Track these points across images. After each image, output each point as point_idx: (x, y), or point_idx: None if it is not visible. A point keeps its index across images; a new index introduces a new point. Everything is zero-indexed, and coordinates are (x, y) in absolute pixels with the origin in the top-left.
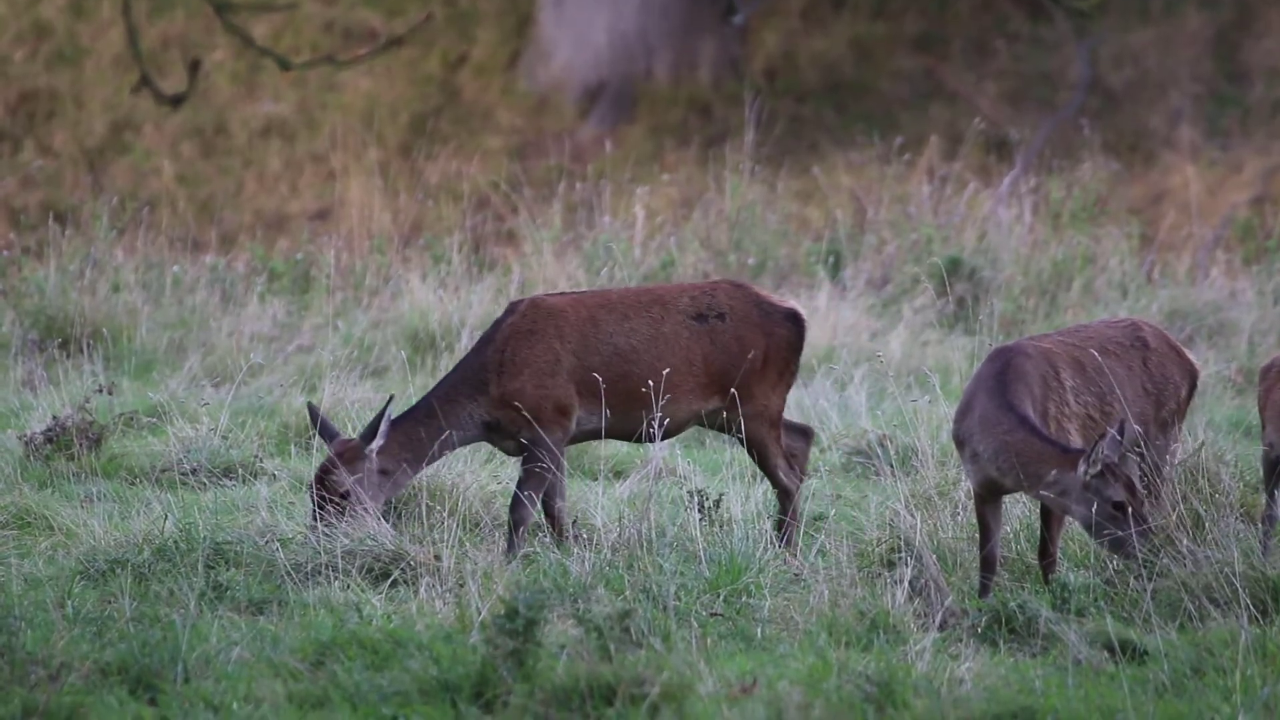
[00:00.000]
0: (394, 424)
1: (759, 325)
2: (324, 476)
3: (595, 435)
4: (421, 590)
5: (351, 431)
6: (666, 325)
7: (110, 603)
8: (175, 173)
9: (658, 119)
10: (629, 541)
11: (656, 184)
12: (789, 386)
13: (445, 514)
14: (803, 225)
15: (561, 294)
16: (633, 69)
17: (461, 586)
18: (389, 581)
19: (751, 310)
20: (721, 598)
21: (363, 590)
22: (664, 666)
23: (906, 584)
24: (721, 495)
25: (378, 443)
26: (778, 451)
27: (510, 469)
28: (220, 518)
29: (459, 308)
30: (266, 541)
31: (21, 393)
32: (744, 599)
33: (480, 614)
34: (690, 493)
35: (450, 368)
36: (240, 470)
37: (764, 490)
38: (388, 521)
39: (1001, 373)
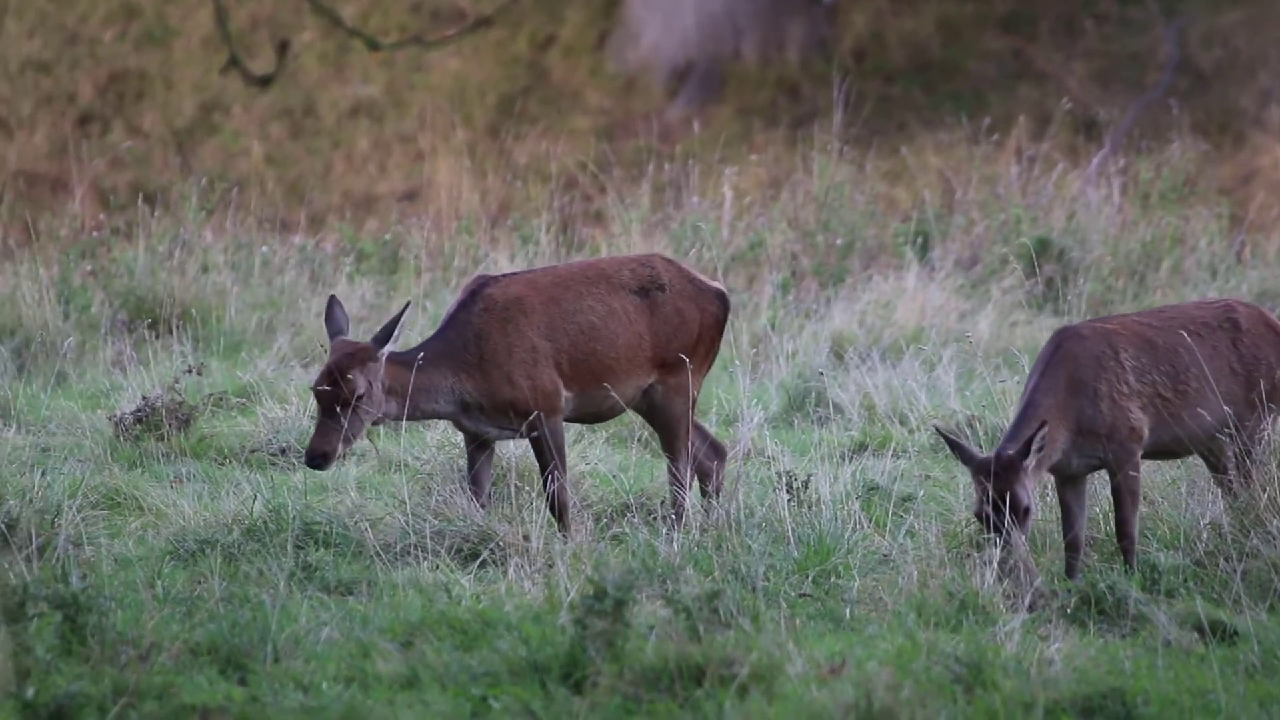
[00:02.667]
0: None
1: (694, 299)
2: (339, 378)
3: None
4: (510, 571)
5: None
6: (616, 299)
7: (200, 583)
8: (264, 153)
9: (746, 99)
10: (717, 522)
11: (744, 164)
12: (709, 369)
13: (534, 494)
14: (891, 206)
15: (515, 275)
16: (721, 49)
17: (550, 567)
18: (478, 562)
19: (686, 285)
20: (810, 578)
21: (452, 571)
22: (753, 647)
23: (995, 565)
24: (810, 476)
25: (390, 347)
26: (686, 437)
27: (598, 448)
28: (309, 498)
29: None
30: (356, 522)
31: (111, 373)
32: (833, 580)
33: (569, 594)
34: (779, 473)
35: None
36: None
37: (853, 471)
38: (478, 503)
39: (1049, 357)
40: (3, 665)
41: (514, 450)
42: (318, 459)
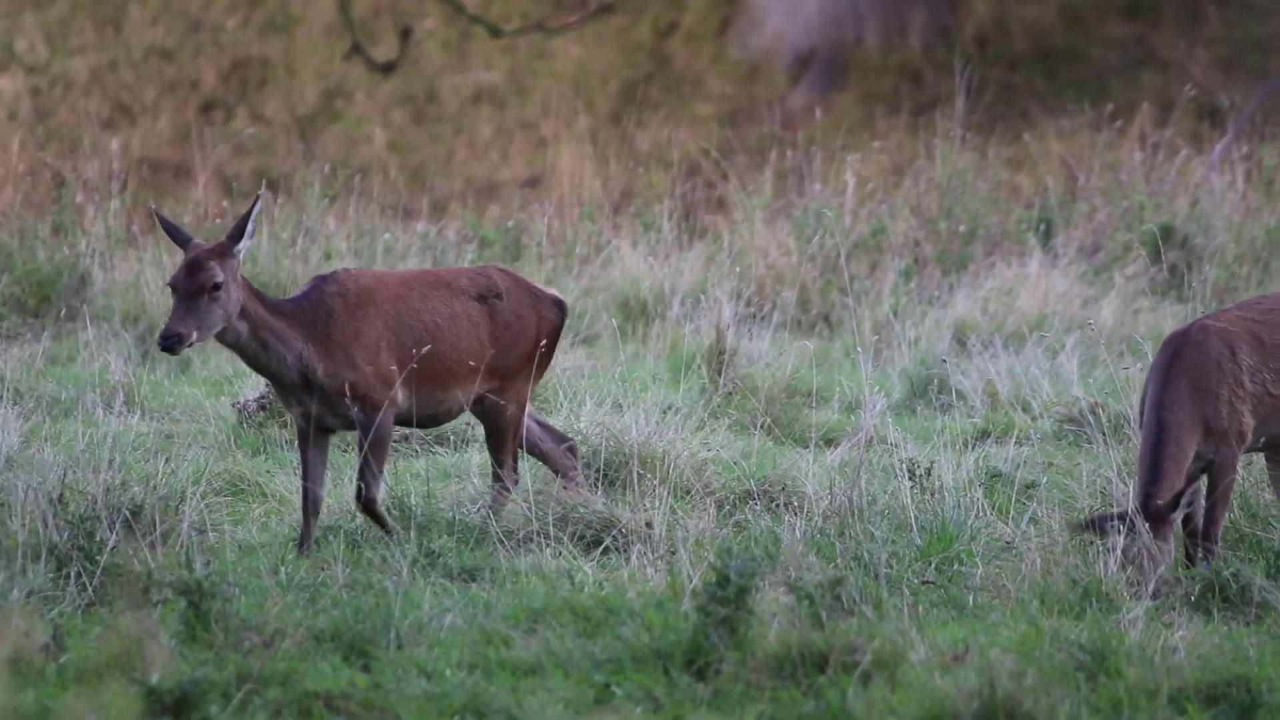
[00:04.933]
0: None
1: (532, 307)
2: (197, 267)
3: (407, 421)
4: (633, 557)
5: None
6: (458, 304)
7: (323, 569)
8: (386, 140)
9: (868, 86)
10: (840, 509)
11: (867, 151)
12: (542, 376)
13: (656, 482)
14: (1013, 193)
15: (363, 270)
16: (843, 36)
17: (673, 554)
18: (600, 549)
19: (523, 293)
20: (933, 565)
21: (574, 557)
22: (876, 634)
23: (1119, 552)
24: (933, 463)
25: (245, 243)
26: (515, 442)
27: (721, 434)
28: (432, 485)
29: (670, 275)
30: (478, 508)
31: (235, 360)
32: (955, 567)
33: (692, 581)
34: (901, 461)
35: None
36: (452, 437)
37: (976, 458)
38: (597, 492)
39: (1167, 365)
40: (128, 651)
41: (636, 438)
42: (171, 339)
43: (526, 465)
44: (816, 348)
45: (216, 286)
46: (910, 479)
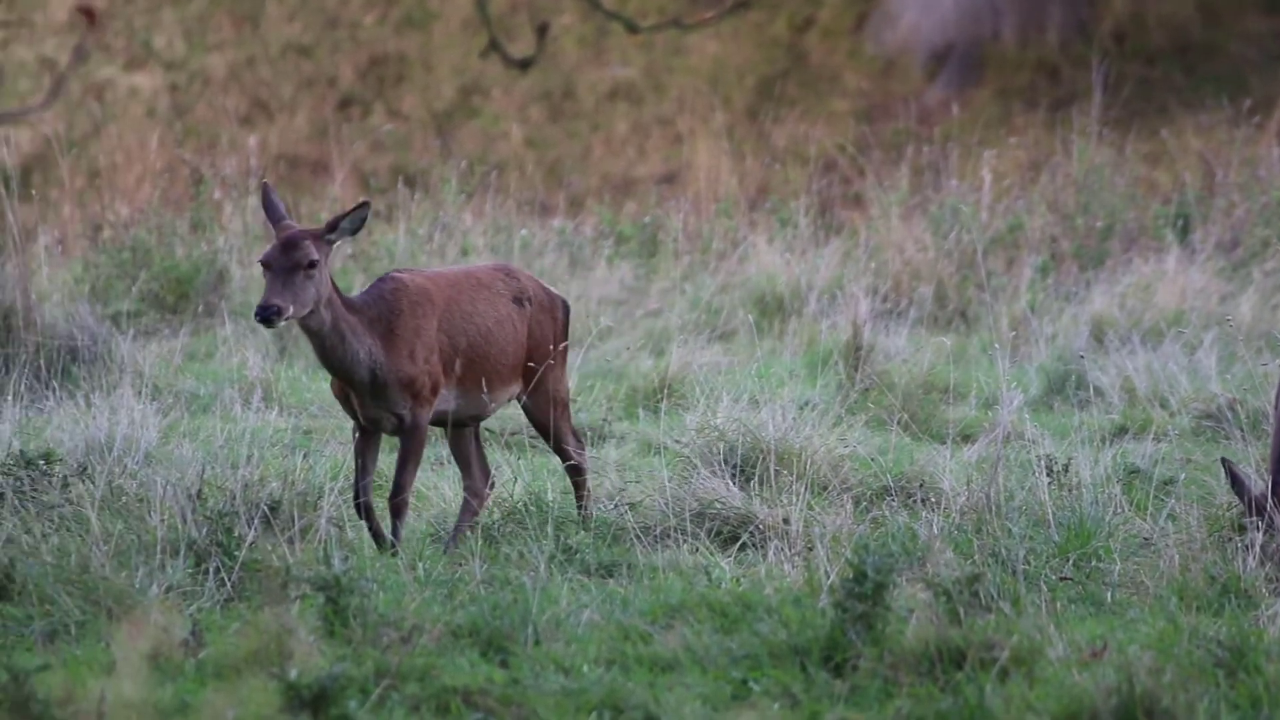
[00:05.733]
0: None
1: (549, 310)
2: (292, 245)
3: (442, 421)
4: (770, 553)
5: None
6: (501, 306)
7: (461, 565)
8: (523, 136)
9: (1005, 81)
10: (977, 505)
11: (1003, 147)
12: (565, 373)
13: (793, 478)
14: (1151, 188)
15: (416, 270)
16: (980, 31)
17: (810, 550)
18: (737, 545)
19: (542, 294)
20: (1071, 562)
21: (711, 553)
22: (1013, 631)
23: (1258, 549)
24: (1070, 459)
25: (339, 236)
26: (568, 424)
27: (857, 430)
28: (569, 480)
29: (806, 271)
30: (615, 504)
31: None
32: (1093, 563)
33: (829, 577)
34: (1039, 457)
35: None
36: (589, 433)
37: (1113, 454)
38: (735, 486)
39: None
40: (266, 647)
41: (772, 434)
42: (269, 311)
43: (663, 460)
44: (953, 344)
45: (312, 264)
46: (1048, 475)
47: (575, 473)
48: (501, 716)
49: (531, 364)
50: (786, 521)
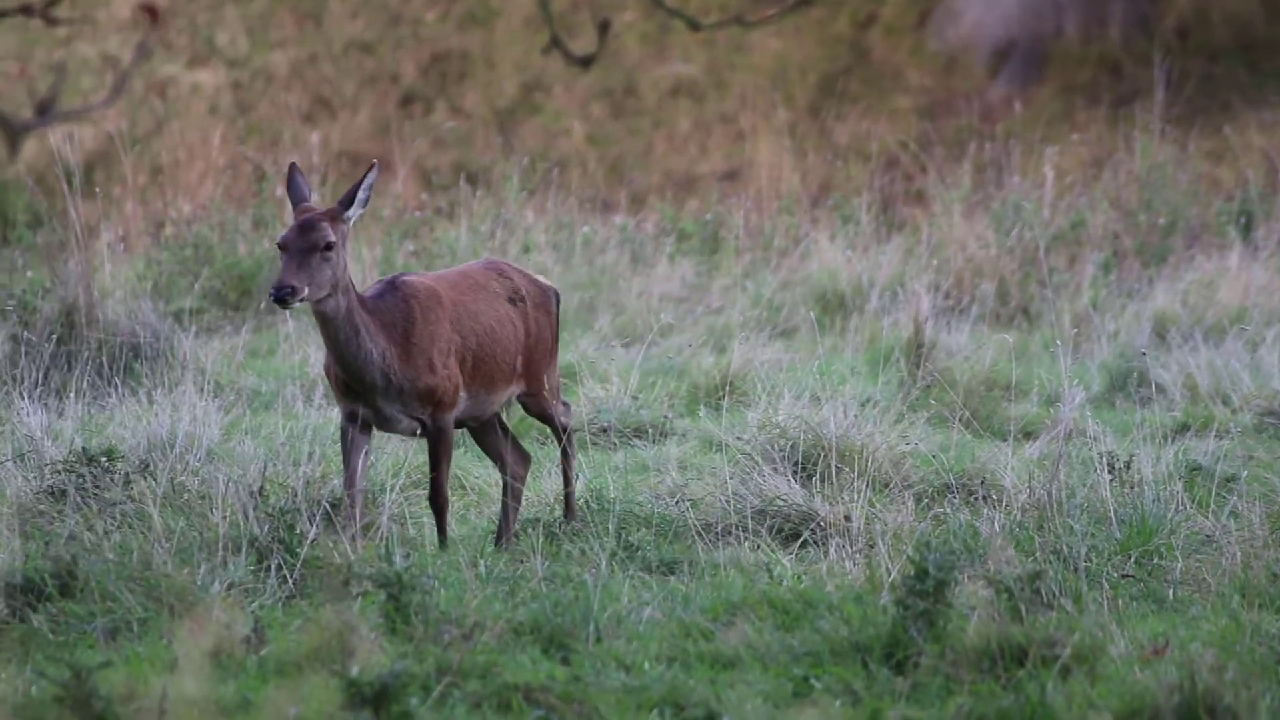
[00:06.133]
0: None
1: (543, 304)
2: (309, 226)
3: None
4: (831, 551)
5: None
6: (500, 307)
7: (522, 562)
8: (585, 133)
9: (1067, 78)
10: (1039, 503)
11: (1066, 144)
12: (555, 364)
13: (854, 475)
14: (1214, 185)
15: (419, 273)
16: (1042, 28)
17: (871, 547)
18: (799, 542)
19: (535, 289)
20: (1133, 559)
21: (773, 551)
22: (1075, 628)
23: None
24: (1132, 456)
25: (356, 211)
26: (558, 402)
27: (919, 428)
28: (630, 478)
29: (868, 268)
30: (677, 501)
31: None
32: (1155, 560)
33: (890, 575)
34: (1100, 454)
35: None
36: (650, 430)
37: (1175, 451)
38: (796, 483)
39: None
40: (328, 644)
41: (834, 431)
42: (285, 291)
43: (724, 458)
44: (1015, 340)
45: (329, 246)
46: (1110, 472)
47: (565, 457)
48: (563, 714)
49: (531, 360)
50: (848, 519)
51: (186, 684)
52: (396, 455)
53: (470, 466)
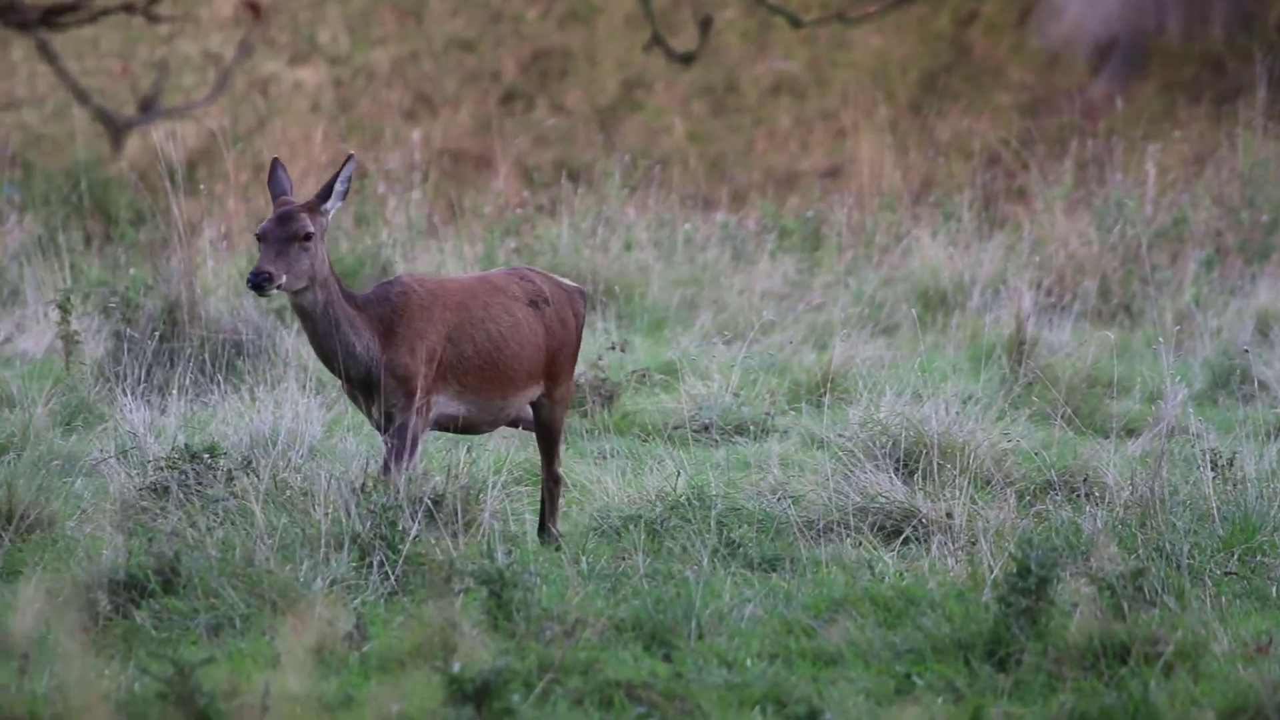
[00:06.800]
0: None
1: (569, 305)
2: (287, 218)
3: (469, 428)
4: (933, 548)
5: None
6: (518, 311)
7: (624, 559)
8: (686, 130)
9: (1169, 75)
10: (1141, 500)
11: (1168, 141)
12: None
13: (956, 472)
14: None
15: (426, 275)
16: (1144, 25)
17: (973, 544)
18: (900, 539)
19: (560, 293)
20: (1236, 556)
21: (875, 548)
22: (1178, 625)
23: None
24: (1235, 454)
25: (334, 203)
26: (563, 438)
27: (1020, 425)
28: (732, 474)
29: (970, 265)
30: (778, 499)
31: None
32: (1259, 558)
33: (993, 572)
34: (1203, 451)
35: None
36: (752, 428)
37: (1278, 448)
38: (898, 480)
39: None
40: (430, 640)
41: (935, 428)
42: (261, 277)
43: (825, 455)
44: (1117, 338)
45: (307, 236)
46: (1212, 469)
47: (557, 482)
48: (665, 710)
49: (554, 362)
50: (950, 516)
51: (289, 680)
52: (498, 452)
53: (572, 465)
